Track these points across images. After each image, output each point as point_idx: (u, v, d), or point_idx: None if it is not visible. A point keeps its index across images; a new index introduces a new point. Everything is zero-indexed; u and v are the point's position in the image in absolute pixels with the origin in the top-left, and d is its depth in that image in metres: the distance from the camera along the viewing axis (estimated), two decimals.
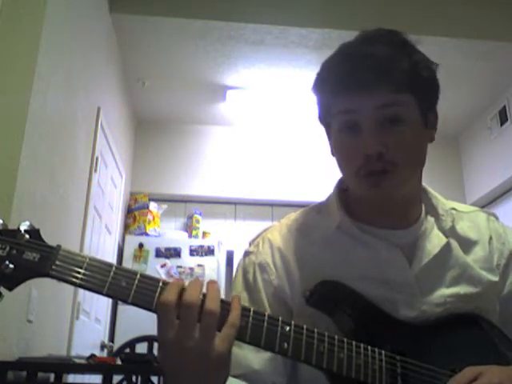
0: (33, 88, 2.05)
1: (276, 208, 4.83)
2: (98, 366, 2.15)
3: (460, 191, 4.84)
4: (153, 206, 4.54)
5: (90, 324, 3.37)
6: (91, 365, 2.13)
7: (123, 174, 4.24)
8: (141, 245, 4.26)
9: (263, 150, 4.94)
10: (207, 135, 4.98)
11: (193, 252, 4.29)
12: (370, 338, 0.83)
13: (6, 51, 2.07)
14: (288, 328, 0.75)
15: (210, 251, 4.30)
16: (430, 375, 0.83)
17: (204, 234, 4.63)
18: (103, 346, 3.63)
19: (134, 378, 2.53)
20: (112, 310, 3.99)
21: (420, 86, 0.88)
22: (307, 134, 4.78)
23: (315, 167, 4.71)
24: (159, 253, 4.25)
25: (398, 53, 0.87)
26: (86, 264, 0.71)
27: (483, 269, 0.96)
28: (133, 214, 4.51)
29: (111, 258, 3.95)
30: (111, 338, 3.89)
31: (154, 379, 2.43)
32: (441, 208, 1.00)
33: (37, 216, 2.16)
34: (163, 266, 4.20)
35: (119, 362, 2.28)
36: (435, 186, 1.03)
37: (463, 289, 0.93)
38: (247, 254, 0.98)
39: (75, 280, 0.71)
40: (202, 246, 4.33)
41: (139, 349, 2.94)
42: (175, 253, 4.27)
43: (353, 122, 0.88)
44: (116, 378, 2.46)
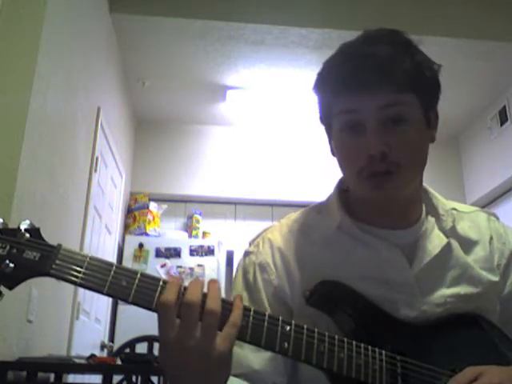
0: (33, 88, 2.05)
1: (276, 208, 4.83)
2: (98, 366, 2.15)
3: (460, 191, 4.84)
4: (153, 206, 4.54)
5: (90, 324, 3.37)
6: (91, 365, 2.13)
7: (123, 174, 4.24)
8: (141, 245, 4.26)
9: (263, 150, 4.94)
10: (207, 135, 4.98)
11: (193, 252, 4.29)
12: (371, 338, 0.83)
13: (6, 51, 2.07)
14: (288, 328, 0.75)
15: (210, 251, 4.30)
16: (431, 375, 0.83)
17: (204, 234, 4.62)
18: (103, 346, 3.63)
19: (134, 378, 2.53)
20: (112, 310, 3.99)
21: (423, 86, 0.88)
22: (307, 134, 4.79)
23: (315, 167, 4.71)
24: (159, 253, 4.25)
25: (400, 53, 0.86)
26: (87, 263, 0.71)
27: (484, 269, 0.96)
28: (133, 214, 4.51)
29: (111, 258, 3.95)
30: (111, 338, 3.89)
31: (154, 379, 2.43)
32: (441, 208, 0.99)
33: (37, 216, 2.16)
34: (163, 266, 4.20)
35: (119, 362, 2.28)
36: (435, 186, 1.03)
37: (464, 289, 0.93)
38: (247, 254, 0.98)
39: (75, 279, 0.71)
40: (202, 246, 4.33)
41: (139, 349, 2.94)
42: (175, 253, 4.26)
43: (355, 122, 0.87)
44: (116, 378, 2.46)
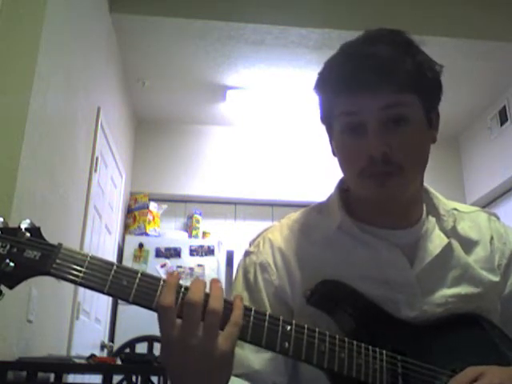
0: (33, 88, 2.05)
1: (276, 208, 4.83)
2: (98, 366, 2.15)
3: (460, 191, 4.84)
4: (153, 206, 4.54)
5: (90, 324, 3.37)
6: (91, 365, 2.13)
7: (123, 174, 4.24)
8: (141, 245, 4.26)
9: (263, 150, 4.93)
10: (207, 135, 4.98)
11: (193, 252, 4.29)
12: (371, 338, 0.82)
13: (6, 51, 2.07)
14: (289, 327, 0.75)
15: (210, 251, 4.30)
16: (431, 375, 0.83)
17: (204, 234, 4.62)
18: (103, 346, 3.63)
19: (134, 378, 2.53)
20: (112, 310, 3.99)
21: (424, 87, 0.88)
22: (307, 134, 4.78)
23: (315, 167, 4.71)
24: (159, 253, 4.25)
25: (401, 53, 0.86)
26: (87, 262, 0.71)
27: (484, 269, 0.96)
28: (133, 214, 4.51)
29: (111, 258, 3.94)
30: (111, 338, 3.89)
31: (154, 379, 2.43)
32: (442, 208, 0.99)
33: (37, 216, 2.15)
34: (163, 266, 4.20)
35: (119, 362, 2.28)
36: (435, 186, 1.03)
37: (464, 289, 0.93)
38: (248, 254, 0.98)
39: (76, 278, 0.71)
40: (202, 246, 4.33)
41: (139, 349, 2.94)
42: (175, 253, 4.26)
43: (355, 124, 0.87)
44: (116, 378, 2.47)
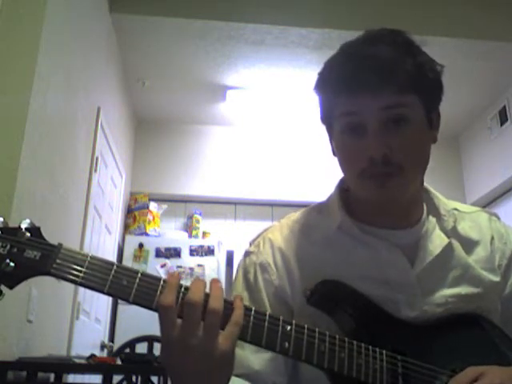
0: (33, 88, 2.05)
1: (276, 208, 4.83)
2: (98, 366, 2.15)
3: (460, 191, 4.84)
4: (153, 206, 4.54)
5: (90, 324, 3.37)
6: (91, 365, 2.13)
7: (123, 174, 4.24)
8: (141, 245, 4.26)
9: (263, 150, 4.93)
10: (207, 135, 4.98)
11: (193, 252, 4.29)
12: (371, 338, 0.82)
13: (6, 51, 2.07)
14: (289, 327, 0.75)
15: (210, 251, 4.30)
16: (431, 375, 0.83)
17: (204, 234, 4.62)
18: (103, 346, 3.63)
19: (134, 378, 2.53)
20: (112, 310, 3.99)
21: (425, 87, 0.87)
22: (307, 134, 4.78)
23: (315, 167, 4.71)
24: (159, 253, 4.25)
25: (401, 53, 0.86)
26: (87, 262, 0.71)
27: (485, 269, 0.96)
28: (133, 214, 4.51)
29: (111, 258, 3.94)
30: (111, 338, 3.89)
31: (154, 379, 2.43)
32: (442, 208, 0.99)
33: (37, 216, 2.15)
34: (163, 266, 4.20)
35: (119, 362, 2.28)
36: (435, 186, 1.03)
37: (465, 289, 0.93)
38: (248, 254, 0.98)
39: (76, 278, 0.71)
40: (202, 246, 4.33)
41: (139, 349, 2.94)
42: (175, 253, 4.26)
43: (355, 124, 0.87)
44: (116, 378, 2.47)
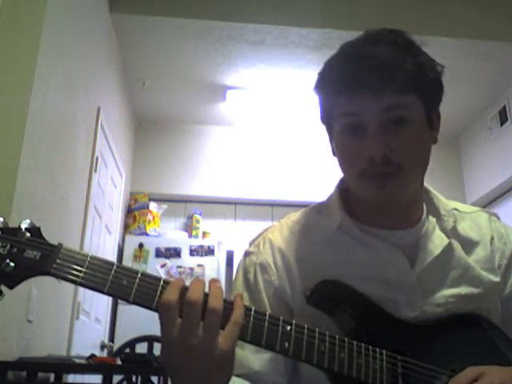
0: (33, 88, 2.05)
1: (276, 208, 4.83)
2: (98, 366, 2.15)
3: (460, 191, 4.84)
4: (153, 206, 4.54)
5: (90, 324, 3.37)
6: (91, 365, 2.13)
7: (123, 174, 4.24)
8: (141, 245, 4.26)
9: (263, 150, 4.93)
10: (207, 135, 4.98)
11: (193, 252, 4.29)
12: (371, 338, 0.82)
13: (6, 51, 2.07)
14: (289, 327, 0.75)
15: (210, 251, 4.30)
16: (431, 375, 0.83)
17: (204, 234, 4.62)
18: (103, 346, 3.63)
19: (134, 378, 2.53)
20: (112, 310, 3.99)
21: (425, 88, 0.87)
22: (307, 134, 4.78)
23: (315, 167, 4.71)
24: (159, 253, 4.25)
25: (402, 53, 0.85)
26: (87, 262, 0.71)
27: (484, 269, 0.96)
28: (133, 214, 4.51)
29: (111, 258, 3.93)
30: (111, 338, 3.89)
31: (154, 379, 2.43)
32: (442, 208, 0.99)
33: (37, 216, 2.15)
34: (163, 266, 4.20)
35: (119, 362, 2.28)
36: (435, 186, 1.03)
37: (464, 289, 0.93)
38: (248, 254, 0.98)
39: (76, 278, 0.71)
40: (202, 246, 4.33)
41: (139, 349, 2.94)
42: (175, 253, 4.26)
43: (355, 125, 0.87)
44: (116, 378, 2.47)
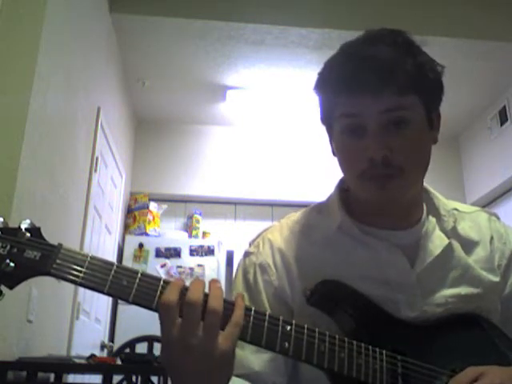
0: (33, 88, 2.05)
1: (276, 208, 4.83)
2: (98, 366, 2.15)
3: (460, 191, 4.84)
4: (153, 206, 4.54)
5: (90, 324, 3.37)
6: (91, 365, 2.13)
7: (123, 174, 4.24)
8: (141, 245, 4.26)
9: (263, 150, 4.93)
10: (207, 135, 4.98)
11: (193, 252, 4.29)
12: (371, 338, 0.82)
13: (6, 51, 2.07)
14: (289, 327, 0.75)
15: (210, 251, 4.30)
16: (431, 375, 0.82)
17: (204, 234, 4.62)
18: (103, 346, 3.63)
19: (134, 378, 2.53)
20: (112, 310, 3.99)
21: (425, 88, 0.87)
22: (307, 134, 4.78)
23: (315, 167, 4.71)
24: (159, 253, 4.25)
25: (402, 54, 0.85)
26: (87, 263, 0.71)
27: (484, 269, 0.96)
28: (133, 214, 4.51)
29: (111, 258, 3.94)
30: (111, 338, 3.89)
31: (154, 379, 2.43)
32: (442, 208, 0.99)
33: (37, 216, 2.15)
34: (163, 266, 4.20)
35: (119, 362, 2.28)
36: (435, 186, 1.03)
37: (464, 289, 0.93)
38: (247, 255, 0.98)
39: (76, 279, 0.71)
40: (202, 246, 4.33)
41: (139, 349, 2.94)
42: (175, 253, 4.26)
43: (355, 125, 0.87)
44: (116, 378, 2.47)
